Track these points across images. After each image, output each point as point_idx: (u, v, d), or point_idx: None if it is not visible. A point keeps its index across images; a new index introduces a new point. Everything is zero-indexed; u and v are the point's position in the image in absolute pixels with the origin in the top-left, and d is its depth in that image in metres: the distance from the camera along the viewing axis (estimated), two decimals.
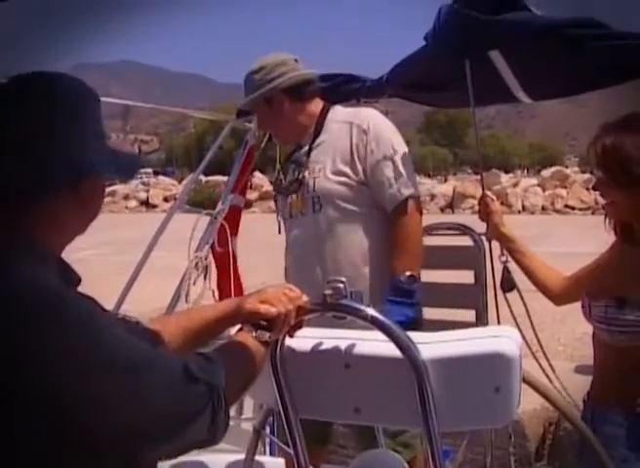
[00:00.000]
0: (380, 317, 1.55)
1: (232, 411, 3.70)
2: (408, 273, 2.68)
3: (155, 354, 1.18)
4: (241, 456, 2.83)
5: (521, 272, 2.57)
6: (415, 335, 1.58)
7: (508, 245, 2.60)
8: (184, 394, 1.17)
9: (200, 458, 3.47)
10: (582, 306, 2.18)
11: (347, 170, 2.77)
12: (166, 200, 34.89)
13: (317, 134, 2.89)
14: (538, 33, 2.43)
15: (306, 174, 2.83)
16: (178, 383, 1.17)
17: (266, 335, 1.53)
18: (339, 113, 2.92)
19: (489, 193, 2.76)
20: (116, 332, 1.13)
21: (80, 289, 1.23)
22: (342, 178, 2.78)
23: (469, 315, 3.11)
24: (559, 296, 2.45)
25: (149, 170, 68.88)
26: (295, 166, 2.91)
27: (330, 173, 2.79)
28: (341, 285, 1.56)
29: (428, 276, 3.15)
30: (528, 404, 3.23)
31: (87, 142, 1.24)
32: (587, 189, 27.92)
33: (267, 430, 2.45)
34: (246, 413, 3.59)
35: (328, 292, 1.56)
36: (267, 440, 3.02)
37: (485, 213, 2.70)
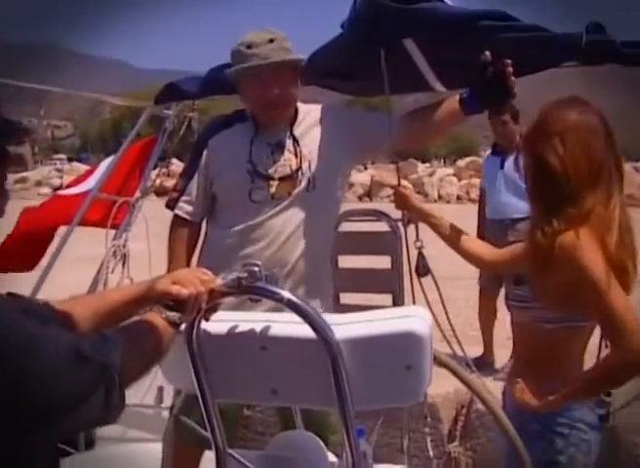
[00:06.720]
0: (295, 299, 1.58)
1: (152, 400, 3.65)
2: None
3: (43, 334, 1.17)
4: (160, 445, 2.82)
5: (435, 259, 2.63)
6: (329, 317, 1.61)
7: (430, 220, 2.65)
8: (73, 374, 1.16)
9: (120, 448, 3.43)
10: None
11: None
12: None
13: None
14: (450, 24, 2.49)
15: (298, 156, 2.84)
16: (66, 363, 1.16)
17: (176, 317, 1.53)
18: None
19: (405, 182, 2.82)
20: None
21: None
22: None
23: (387, 299, 3.17)
24: (489, 263, 2.54)
25: (63, 156, 66.96)
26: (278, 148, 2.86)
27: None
28: (256, 268, 1.58)
29: (346, 261, 3.20)
30: (441, 388, 3.32)
31: None
32: None
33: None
34: (166, 402, 3.56)
35: (243, 274, 1.58)
36: None
37: (401, 199, 2.74)
